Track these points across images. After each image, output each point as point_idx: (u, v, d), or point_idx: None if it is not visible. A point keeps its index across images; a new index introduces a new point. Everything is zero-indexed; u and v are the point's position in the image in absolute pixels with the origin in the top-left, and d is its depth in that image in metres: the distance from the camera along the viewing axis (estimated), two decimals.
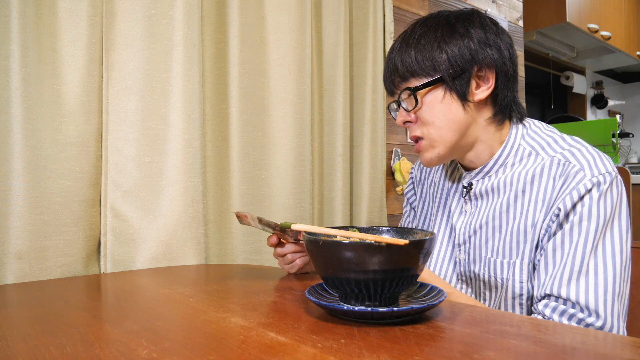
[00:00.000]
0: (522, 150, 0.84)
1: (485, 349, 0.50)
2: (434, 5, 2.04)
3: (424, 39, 0.81)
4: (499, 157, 0.84)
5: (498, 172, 0.85)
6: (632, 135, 3.89)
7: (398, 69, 0.83)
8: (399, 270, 0.58)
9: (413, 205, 1.08)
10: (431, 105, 0.81)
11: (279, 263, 0.94)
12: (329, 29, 1.57)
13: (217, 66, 1.33)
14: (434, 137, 0.82)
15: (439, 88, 0.81)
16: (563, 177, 0.76)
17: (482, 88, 0.82)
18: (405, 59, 0.82)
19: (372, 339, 0.54)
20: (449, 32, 0.81)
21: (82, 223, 1.08)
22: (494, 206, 0.84)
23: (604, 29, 3.23)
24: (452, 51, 0.79)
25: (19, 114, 0.98)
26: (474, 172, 0.87)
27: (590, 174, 0.74)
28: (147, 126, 1.16)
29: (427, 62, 0.80)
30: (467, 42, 0.80)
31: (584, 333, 0.56)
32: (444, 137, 0.82)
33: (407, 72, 0.82)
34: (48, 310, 0.71)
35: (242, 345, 0.53)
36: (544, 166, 0.80)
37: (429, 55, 0.80)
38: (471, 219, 0.87)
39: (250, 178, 1.36)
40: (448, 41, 0.80)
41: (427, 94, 0.81)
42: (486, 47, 0.81)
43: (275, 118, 1.41)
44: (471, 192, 0.87)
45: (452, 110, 0.81)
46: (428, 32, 0.82)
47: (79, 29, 1.08)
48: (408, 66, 0.81)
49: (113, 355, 0.51)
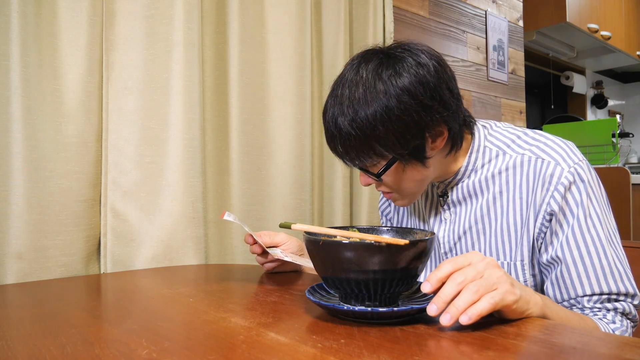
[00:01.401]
0: (488, 152, 0.84)
1: (485, 349, 0.50)
2: (434, 5, 2.04)
3: (360, 122, 0.71)
4: (468, 163, 0.84)
5: (470, 176, 0.85)
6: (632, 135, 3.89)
7: (346, 155, 0.76)
8: (399, 270, 0.58)
9: (388, 217, 1.07)
10: (395, 176, 0.79)
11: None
12: (329, 29, 1.57)
13: (217, 66, 1.33)
14: (404, 194, 0.82)
15: (397, 164, 0.77)
16: (541, 177, 0.77)
17: (437, 141, 0.78)
18: (350, 147, 0.74)
19: (372, 339, 0.54)
20: (385, 104, 0.71)
21: (82, 223, 1.08)
22: (474, 210, 0.84)
23: (604, 29, 3.23)
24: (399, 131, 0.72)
25: (19, 114, 0.98)
26: (447, 181, 0.86)
27: (566, 165, 0.76)
28: (147, 126, 1.16)
29: (376, 149, 0.73)
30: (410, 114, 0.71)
31: (584, 333, 0.56)
32: (414, 192, 0.83)
33: (357, 159, 0.76)
34: (48, 310, 0.71)
35: (242, 345, 0.53)
36: (515, 164, 0.81)
37: (375, 141, 0.72)
38: (453, 226, 0.87)
39: (250, 178, 1.36)
40: (389, 118, 0.71)
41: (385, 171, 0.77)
42: (431, 110, 0.73)
43: (275, 118, 1.41)
44: (448, 200, 0.87)
45: (416, 173, 0.79)
46: (361, 107, 0.71)
47: (79, 29, 1.08)
48: (357, 155, 0.75)
49: (113, 355, 0.51)
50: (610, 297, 0.75)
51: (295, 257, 0.94)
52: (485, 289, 0.56)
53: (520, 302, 0.59)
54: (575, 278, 0.75)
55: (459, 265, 0.59)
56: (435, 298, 0.57)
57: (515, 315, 0.60)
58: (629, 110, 4.72)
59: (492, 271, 0.58)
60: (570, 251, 0.76)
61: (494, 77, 2.34)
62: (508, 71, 2.44)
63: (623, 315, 0.76)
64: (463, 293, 0.56)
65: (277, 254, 0.92)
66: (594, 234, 0.75)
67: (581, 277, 0.75)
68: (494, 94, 2.36)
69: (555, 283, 0.77)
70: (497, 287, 0.57)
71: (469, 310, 0.55)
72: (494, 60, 2.35)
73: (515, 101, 2.49)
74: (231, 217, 0.88)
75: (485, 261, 0.59)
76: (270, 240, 0.96)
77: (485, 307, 0.55)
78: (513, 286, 0.58)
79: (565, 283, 0.76)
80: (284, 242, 0.98)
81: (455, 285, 0.56)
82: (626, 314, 0.76)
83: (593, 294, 0.75)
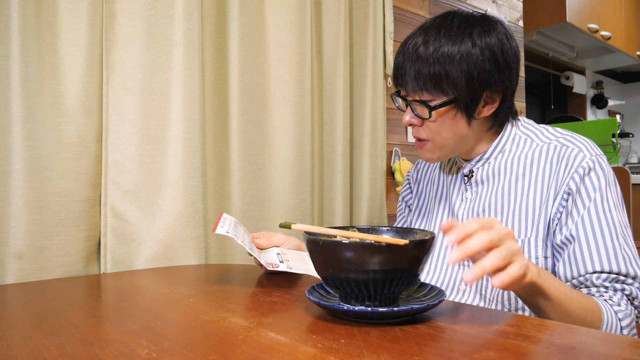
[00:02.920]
0: (517, 138, 0.90)
1: (485, 349, 0.50)
2: (434, 5, 2.04)
3: (442, 54, 0.79)
4: (497, 144, 0.89)
5: (497, 157, 0.89)
6: (632, 135, 3.89)
7: (414, 79, 0.82)
8: (399, 270, 0.58)
9: (408, 203, 1.11)
10: (442, 120, 0.84)
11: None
12: (329, 29, 1.57)
13: (217, 66, 1.33)
14: (438, 144, 0.87)
15: (451, 107, 0.83)
16: (564, 159, 0.82)
17: (488, 107, 0.85)
18: (421, 72, 0.80)
19: (372, 339, 0.54)
20: (469, 49, 0.79)
21: (82, 223, 1.08)
22: (495, 190, 0.88)
23: (604, 29, 3.23)
24: (470, 74, 0.79)
25: (19, 114, 0.98)
26: (474, 160, 0.91)
27: (589, 154, 0.81)
28: (147, 126, 1.16)
29: (445, 82, 0.80)
30: (485, 65, 0.80)
31: (584, 333, 0.56)
32: (448, 145, 0.87)
33: (423, 86, 0.81)
34: (48, 310, 0.71)
35: (242, 345, 0.53)
36: (541, 150, 0.86)
37: (445, 75, 0.79)
38: (472, 205, 0.90)
39: (250, 178, 1.36)
40: (467, 60, 0.79)
41: (438, 110, 0.83)
42: (501, 73, 0.82)
43: (275, 118, 1.41)
44: (472, 178, 0.91)
45: (459, 126, 0.85)
46: (447, 44, 0.80)
47: (79, 29, 1.08)
48: (424, 81, 0.81)
49: (113, 355, 0.51)
50: (619, 278, 0.76)
51: (293, 260, 0.92)
52: (510, 257, 0.59)
53: (529, 275, 0.62)
54: (587, 255, 0.77)
55: (485, 225, 0.60)
56: (459, 248, 0.57)
57: (520, 289, 0.64)
58: (629, 110, 4.72)
59: (512, 243, 0.60)
60: (584, 229, 0.78)
61: None
62: None
63: (629, 299, 0.77)
64: (491, 256, 0.58)
65: (273, 260, 0.89)
66: (609, 217, 0.78)
67: (592, 254, 0.77)
68: None
69: (567, 261, 0.79)
70: (516, 260, 0.60)
71: (501, 275, 0.57)
72: None
73: (515, 101, 2.49)
74: (224, 229, 0.85)
75: (506, 230, 0.61)
76: (267, 242, 0.96)
77: (518, 273, 0.58)
78: (525, 260, 0.62)
79: (577, 260, 0.78)
80: (282, 242, 0.98)
81: (482, 242, 0.57)
82: (633, 297, 0.77)
83: (602, 271, 0.76)
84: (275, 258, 0.89)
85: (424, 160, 1.04)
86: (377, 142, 1.69)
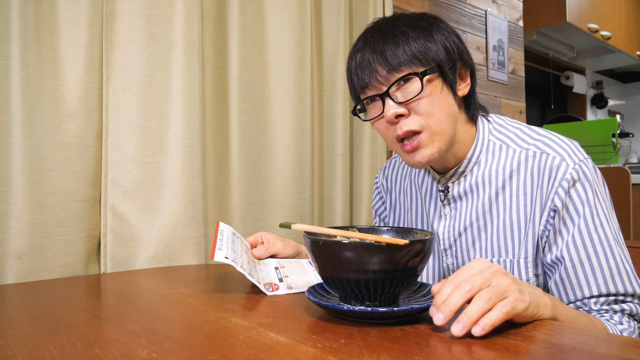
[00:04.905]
0: (492, 146, 0.84)
1: (486, 349, 0.50)
2: (434, 5, 2.04)
3: (411, 31, 0.76)
4: (472, 155, 0.84)
5: (473, 170, 0.84)
6: (632, 135, 3.89)
7: (387, 59, 0.75)
8: (399, 270, 0.58)
9: (382, 217, 1.06)
10: (432, 95, 0.76)
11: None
12: (329, 29, 1.57)
13: (217, 66, 1.33)
14: (434, 129, 0.76)
15: (436, 78, 0.76)
16: (546, 171, 0.77)
17: (462, 85, 0.82)
18: (396, 48, 0.75)
19: (372, 339, 0.54)
20: (433, 26, 0.78)
21: (82, 223, 1.08)
22: (476, 206, 0.83)
23: (604, 29, 3.23)
24: (444, 43, 0.77)
25: (19, 114, 0.98)
26: (448, 174, 0.85)
27: (572, 162, 0.76)
28: (147, 126, 1.16)
29: (423, 50, 0.75)
30: (451, 38, 0.79)
31: (584, 333, 0.56)
32: (445, 129, 0.77)
33: (400, 62, 0.75)
34: (48, 310, 0.71)
35: (242, 345, 0.53)
36: (519, 159, 0.80)
37: (423, 45, 0.75)
38: (453, 223, 0.85)
39: (250, 178, 1.36)
40: (437, 33, 0.77)
41: (427, 83, 0.75)
42: (464, 47, 0.81)
43: (275, 118, 1.41)
44: (449, 194, 0.86)
45: (449, 102, 0.78)
46: (411, 25, 0.77)
47: (78, 29, 1.08)
48: (401, 55, 0.74)
49: (113, 355, 0.51)
50: (618, 299, 0.74)
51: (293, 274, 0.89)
52: (497, 297, 0.54)
53: (531, 307, 0.57)
54: (582, 279, 0.74)
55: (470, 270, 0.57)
56: (441, 306, 0.54)
57: (526, 320, 0.58)
58: (629, 110, 4.72)
59: (500, 279, 0.56)
60: (577, 251, 0.74)
61: (494, 77, 2.34)
62: (508, 71, 2.44)
63: (630, 316, 0.75)
64: (475, 301, 0.54)
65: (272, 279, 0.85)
66: (601, 233, 0.74)
67: (588, 277, 0.74)
68: (494, 94, 2.36)
69: (560, 284, 0.76)
70: (508, 296, 0.55)
71: (482, 321, 0.53)
72: (494, 60, 2.35)
73: (515, 101, 2.49)
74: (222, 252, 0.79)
75: (492, 269, 0.57)
76: (266, 253, 0.95)
77: (498, 317, 0.53)
78: (522, 293, 0.57)
79: (572, 284, 0.75)
80: (281, 252, 0.97)
81: (463, 293, 0.54)
82: (633, 315, 0.75)
83: (600, 295, 0.74)
84: (274, 275, 0.87)
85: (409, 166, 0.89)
86: (377, 142, 1.69)
